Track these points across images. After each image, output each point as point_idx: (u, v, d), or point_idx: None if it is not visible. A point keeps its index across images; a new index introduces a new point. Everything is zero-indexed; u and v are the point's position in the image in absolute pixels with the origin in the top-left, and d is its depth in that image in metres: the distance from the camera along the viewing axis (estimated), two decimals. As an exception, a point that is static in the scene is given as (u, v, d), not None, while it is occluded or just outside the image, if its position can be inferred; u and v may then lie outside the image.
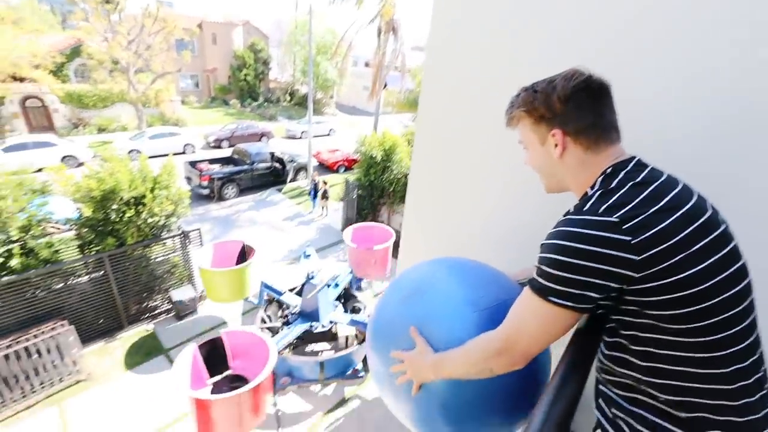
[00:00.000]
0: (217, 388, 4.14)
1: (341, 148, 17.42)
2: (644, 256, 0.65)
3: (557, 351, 0.89)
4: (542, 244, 0.76)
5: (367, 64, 32.85)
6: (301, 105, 29.73)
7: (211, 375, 4.17)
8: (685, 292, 0.66)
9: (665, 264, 0.65)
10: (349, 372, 5.58)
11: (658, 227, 0.66)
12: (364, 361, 5.90)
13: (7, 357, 4.93)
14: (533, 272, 0.77)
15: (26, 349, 5.07)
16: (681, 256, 0.65)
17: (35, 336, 5.19)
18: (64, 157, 13.49)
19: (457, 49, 1.70)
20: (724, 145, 1.08)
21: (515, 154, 1.24)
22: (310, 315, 5.61)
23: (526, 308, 0.77)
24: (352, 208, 11.10)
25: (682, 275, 0.65)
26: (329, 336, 5.82)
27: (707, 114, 1.09)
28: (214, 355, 4.20)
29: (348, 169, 15.76)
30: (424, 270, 1.18)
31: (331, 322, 5.68)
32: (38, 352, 5.18)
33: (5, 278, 5.09)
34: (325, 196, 11.63)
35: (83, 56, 17.62)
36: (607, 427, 0.82)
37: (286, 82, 31.67)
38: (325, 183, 11.64)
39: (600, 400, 0.88)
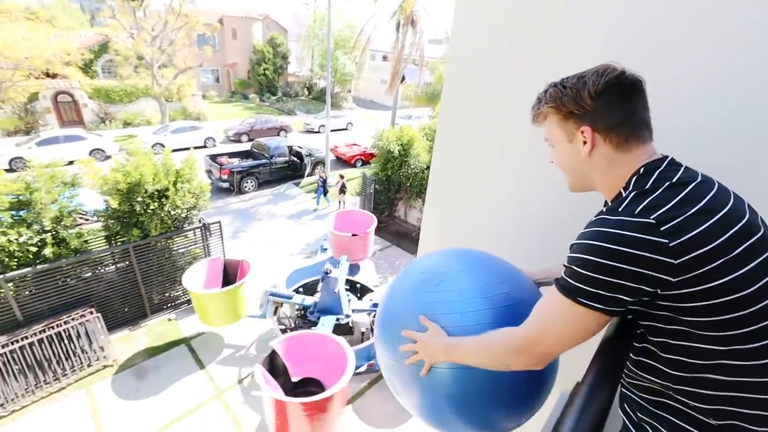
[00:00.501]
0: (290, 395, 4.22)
1: (359, 143, 17.44)
2: (682, 260, 0.62)
3: (571, 353, 0.85)
4: (573, 244, 0.73)
5: (385, 58, 32.64)
6: (319, 99, 29.88)
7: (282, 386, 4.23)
8: (723, 299, 0.62)
9: (704, 269, 0.62)
10: (365, 366, 5.62)
11: (697, 230, 0.63)
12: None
13: (41, 342, 5.20)
14: (553, 272, 0.74)
15: (58, 334, 5.33)
16: (720, 261, 0.62)
17: (65, 323, 5.44)
18: (92, 151, 14.01)
19: (480, 39, 1.65)
20: (753, 141, 1.02)
21: (535, 149, 1.21)
22: (329, 309, 5.67)
23: (552, 308, 0.75)
24: (369, 203, 11.11)
25: (720, 281, 0.62)
26: (345, 330, 5.87)
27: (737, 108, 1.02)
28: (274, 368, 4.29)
29: (365, 163, 15.77)
30: (438, 259, 1.16)
31: (347, 315, 5.73)
32: (69, 337, 5.44)
33: (39, 266, 5.35)
34: (342, 190, 11.67)
35: (110, 52, 18.23)
36: (633, 431, 0.80)
37: (305, 76, 31.85)
38: (342, 177, 11.68)
39: (625, 404, 0.86)
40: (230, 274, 6.22)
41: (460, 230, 2.09)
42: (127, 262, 6.30)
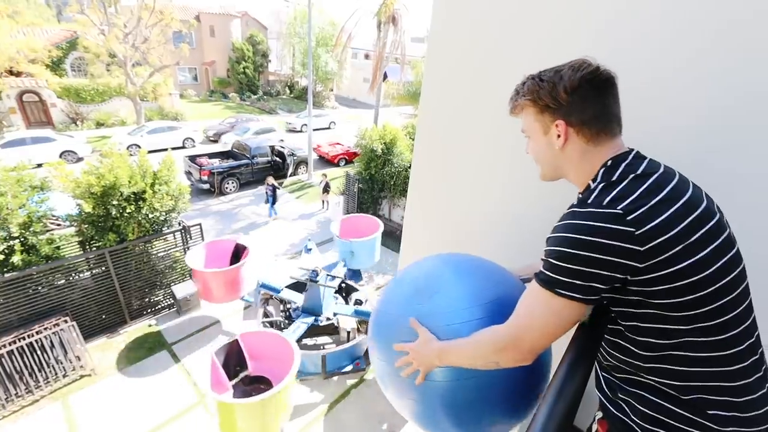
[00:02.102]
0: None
1: (342, 141, 17.34)
2: (648, 246, 0.66)
3: (558, 346, 0.88)
4: (549, 238, 0.76)
5: (367, 56, 32.56)
6: (300, 98, 29.53)
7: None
8: (685, 281, 0.67)
9: (667, 254, 0.66)
10: (351, 365, 5.60)
11: (661, 218, 0.67)
12: (366, 354, 5.92)
13: (11, 353, 4.96)
14: (535, 267, 0.77)
15: (30, 345, 5.09)
16: (682, 246, 0.67)
17: (38, 332, 5.21)
18: (63, 153, 13.44)
19: (460, 38, 1.65)
20: (719, 136, 1.07)
21: (516, 147, 1.22)
22: (312, 309, 5.61)
23: (534, 302, 0.78)
24: (353, 202, 11.07)
25: (682, 264, 0.67)
26: (330, 329, 5.83)
27: (702, 104, 1.07)
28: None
29: (349, 162, 15.70)
30: (429, 267, 1.16)
31: (335, 314, 5.69)
32: (42, 348, 5.20)
33: (7, 275, 5.10)
34: (326, 189, 11.58)
35: (80, 50, 17.48)
36: (610, 408, 0.85)
37: (286, 75, 31.41)
38: (325, 176, 11.59)
39: (602, 384, 0.90)
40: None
41: (441, 231, 2.09)
42: (103, 268, 6.08)
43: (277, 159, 13.95)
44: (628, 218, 0.67)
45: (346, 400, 5.63)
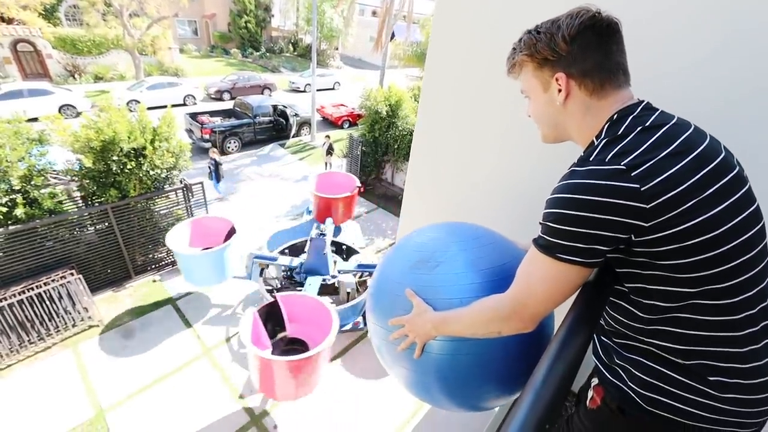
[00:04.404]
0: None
1: (346, 103, 16.87)
2: (654, 204, 0.62)
3: (560, 314, 0.85)
4: (547, 200, 0.72)
5: (374, 13, 30.95)
6: (304, 56, 28.41)
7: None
8: (696, 240, 0.62)
9: (676, 211, 0.62)
10: (350, 324, 5.78)
11: (668, 173, 0.62)
12: (365, 314, 6.07)
13: (21, 303, 5.12)
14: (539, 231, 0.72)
15: (39, 295, 5.25)
16: (692, 202, 0.62)
17: (45, 284, 5.35)
18: (62, 107, 13.17)
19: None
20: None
21: (519, 113, 1.15)
22: (316, 270, 5.71)
23: (534, 268, 0.74)
24: (356, 165, 10.94)
25: (693, 222, 0.62)
26: (331, 290, 5.96)
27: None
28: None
29: (353, 124, 15.36)
30: (433, 237, 1.11)
31: (339, 271, 5.80)
32: (51, 298, 5.37)
33: (11, 227, 5.15)
34: (329, 151, 11.41)
35: (74, -4, 16.64)
36: (606, 374, 0.83)
37: (289, 31, 30.02)
38: (328, 137, 11.37)
39: (599, 350, 0.88)
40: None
41: (445, 199, 2.04)
42: (106, 224, 6.13)
43: (280, 119, 13.65)
44: (633, 174, 0.62)
45: (345, 357, 5.85)
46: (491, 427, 1.74)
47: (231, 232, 5.78)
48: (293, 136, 14.15)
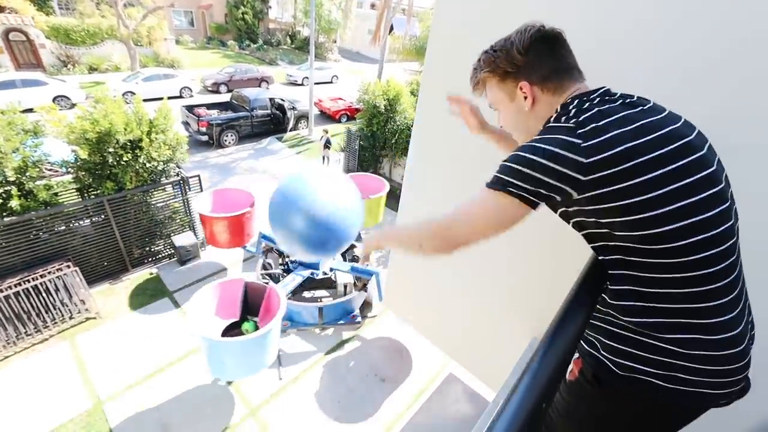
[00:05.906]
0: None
1: (344, 97, 16.77)
2: (592, 159, 0.66)
3: (557, 303, 0.87)
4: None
5: (373, 6, 30.66)
6: (302, 49, 28.15)
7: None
8: (638, 198, 0.66)
9: (616, 169, 0.66)
10: (347, 318, 5.81)
11: (612, 133, 0.67)
12: (362, 308, 6.12)
13: (17, 294, 5.11)
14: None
15: (35, 287, 5.24)
16: (633, 162, 0.65)
17: (42, 276, 5.33)
18: (56, 98, 13.00)
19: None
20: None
21: None
22: (310, 264, 5.71)
23: (475, 200, 0.79)
24: (354, 159, 10.92)
25: (631, 182, 0.66)
26: (328, 283, 5.98)
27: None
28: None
29: (351, 118, 15.29)
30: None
31: (331, 269, 5.80)
32: (47, 290, 5.35)
33: (6, 219, 5.12)
34: (327, 145, 11.38)
35: (67, -15, 16.36)
36: (583, 345, 0.91)
37: (287, 23, 29.71)
38: (326, 132, 11.33)
39: None
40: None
41: (441, 193, 2.05)
42: (102, 216, 6.10)
43: (277, 112, 13.56)
44: (579, 131, 0.69)
45: (341, 351, 5.90)
46: (486, 415, 1.77)
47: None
48: (291, 130, 14.07)
